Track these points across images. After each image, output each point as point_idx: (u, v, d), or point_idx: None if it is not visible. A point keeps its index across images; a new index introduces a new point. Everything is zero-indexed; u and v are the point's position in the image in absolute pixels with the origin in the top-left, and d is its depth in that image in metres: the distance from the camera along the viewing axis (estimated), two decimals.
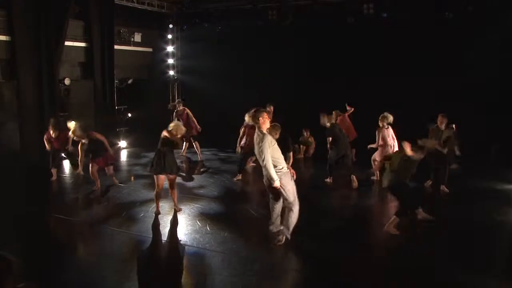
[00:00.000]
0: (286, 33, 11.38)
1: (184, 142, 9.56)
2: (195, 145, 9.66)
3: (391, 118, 7.54)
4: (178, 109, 9.66)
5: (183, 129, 5.99)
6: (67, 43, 10.01)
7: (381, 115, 7.54)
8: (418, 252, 4.89)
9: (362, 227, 5.82)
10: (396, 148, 7.50)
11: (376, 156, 7.76)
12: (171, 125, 5.93)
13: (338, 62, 10.62)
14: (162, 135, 5.84)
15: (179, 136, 5.90)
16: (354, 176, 7.36)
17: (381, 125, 7.49)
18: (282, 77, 11.32)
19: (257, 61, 11.57)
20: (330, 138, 7.39)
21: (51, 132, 7.69)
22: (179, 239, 5.21)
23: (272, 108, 8.77)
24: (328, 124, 7.38)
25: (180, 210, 6.12)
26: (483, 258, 4.68)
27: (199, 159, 9.71)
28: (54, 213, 6.14)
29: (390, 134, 7.62)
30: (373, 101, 9.28)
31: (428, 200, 6.03)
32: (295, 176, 4.98)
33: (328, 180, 7.71)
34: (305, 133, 10.33)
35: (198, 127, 9.48)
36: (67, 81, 10.12)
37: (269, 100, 9.07)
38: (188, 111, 9.60)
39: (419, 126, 7.19)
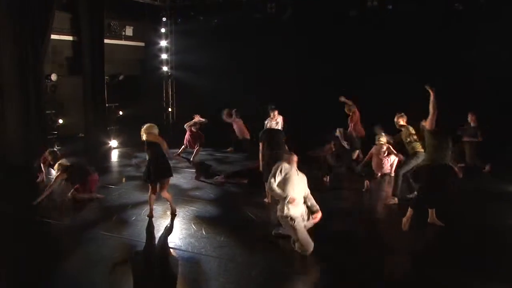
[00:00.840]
0: (285, 26, 11.37)
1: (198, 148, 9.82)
2: (199, 149, 9.80)
3: (381, 138, 7.78)
4: (201, 121, 9.81)
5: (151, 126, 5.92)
6: (53, 36, 9.95)
7: None
8: (425, 254, 4.91)
9: (365, 228, 5.82)
10: (387, 170, 8.17)
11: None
12: (148, 126, 5.85)
13: (340, 57, 10.60)
14: (147, 140, 5.81)
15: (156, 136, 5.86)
16: (367, 182, 7.40)
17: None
18: (281, 73, 11.30)
19: (255, 56, 11.54)
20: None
21: (49, 161, 7.56)
22: (173, 243, 5.19)
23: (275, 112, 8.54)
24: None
25: (175, 212, 6.11)
26: (490, 262, 4.70)
27: (191, 159, 9.73)
28: (41, 217, 6.11)
29: (381, 152, 8.05)
30: (376, 98, 9.30)
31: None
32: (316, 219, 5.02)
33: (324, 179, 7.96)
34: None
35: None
36: (53, 77, 10.06)
37: (265, 98, 9.10)
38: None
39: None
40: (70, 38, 10.83)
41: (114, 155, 10.88)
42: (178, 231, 5.56)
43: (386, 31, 10.29)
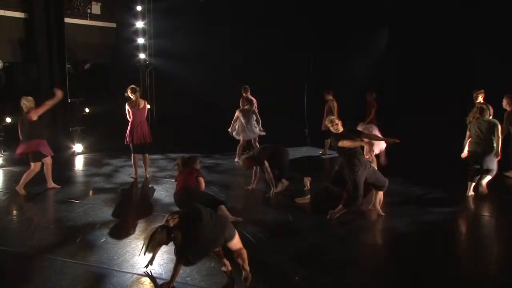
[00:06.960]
0: (287, 3, 11.39)
1: None
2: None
3: None
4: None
5: None
6: None
7: None
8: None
9: (375, 250, 5.90)
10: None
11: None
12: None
13: (351, 35, 10.66)
14: None
15: None
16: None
17: None
18: (284, 60, 11.31)
19: (252, 39, 11.57)
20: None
21: None
22: (152, 271, 5.16)
23: None
24: None
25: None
26: None
27: None
28: None
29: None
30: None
31: None
32: None
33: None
34: None
35: None
36: None
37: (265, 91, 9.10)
38: None
39: None
40: (19, 15, 10.77)
41: (79, 163, 10.84)
42: (158, 256, 5.47)
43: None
